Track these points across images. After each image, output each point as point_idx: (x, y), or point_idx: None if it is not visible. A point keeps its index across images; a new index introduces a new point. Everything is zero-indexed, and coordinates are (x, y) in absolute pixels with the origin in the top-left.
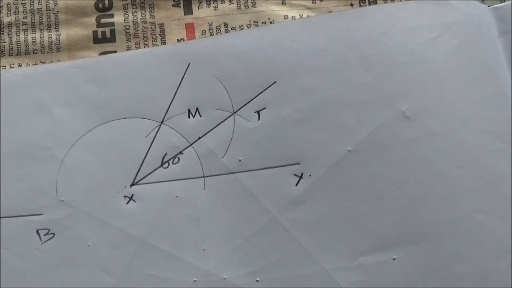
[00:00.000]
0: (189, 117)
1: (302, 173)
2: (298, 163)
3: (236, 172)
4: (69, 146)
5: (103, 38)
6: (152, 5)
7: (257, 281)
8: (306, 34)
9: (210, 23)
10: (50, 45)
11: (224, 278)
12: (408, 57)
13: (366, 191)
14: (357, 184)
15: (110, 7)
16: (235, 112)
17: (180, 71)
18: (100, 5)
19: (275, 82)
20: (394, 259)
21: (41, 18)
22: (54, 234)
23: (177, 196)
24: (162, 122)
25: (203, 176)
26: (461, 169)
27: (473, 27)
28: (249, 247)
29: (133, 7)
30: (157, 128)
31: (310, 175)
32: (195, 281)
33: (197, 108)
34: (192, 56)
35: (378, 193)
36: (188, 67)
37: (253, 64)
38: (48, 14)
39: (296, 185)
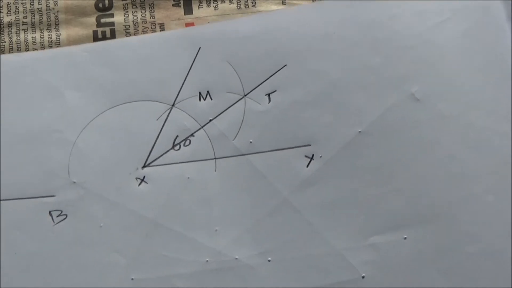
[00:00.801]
0: (200, 100)
1: (312, 155)
2: (309, 145)
3: (247, 154)
4: (80, 128)
5: (103, 38)
6: (152, 4)
7: (269, 261)
8: (316, 18)
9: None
10: (50, 45)
11: (236, 258)
12: (417, 41)
13: (376, 172)
14: (368, 165)
15: (110, 6)
16: (245, 95)
17: (191, 55)
18: (100, 5)
19: (285, 65)
20: (405, 238)
21: (41, 18)
22: (66, 215)
23: (188, 177)
24: (173, 105)
25: (215, 158)
26: (471, 151)
27: (481, 11)
28: (261, 228)
29: (133, 6)
30: (168, 111)
31: (321, 157)
32: (207, 261)
33: (208, 91)
34: (203, 40)
35: (389, 174)
36: (198, 51)
37: (264, 48)
38: (48, 14)
39: (307, 166)
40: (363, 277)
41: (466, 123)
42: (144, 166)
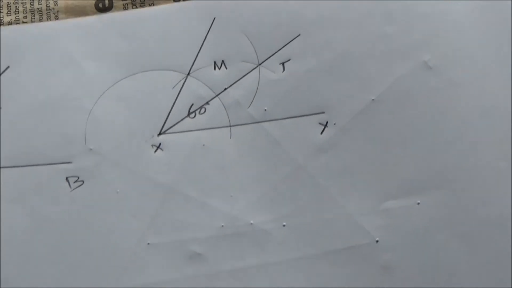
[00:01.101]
0: (215, 69)
1: (327, 122)
2: (323, 112)
3: (261, 122)
4: (97, 97)
5: None
6: (152, 4)
7: (284, 226)
8: None
9: None
10: None
11: (251, 223)
12: (430, 9)
13: (389, 138)
14: (381, 132)
15: (110, 7)
16: (260, 64)
17: (205, 25)
18: (100, 5)
19: (299, 34)
20: (418, 204)
21: (41, 18)
22: (83, 181)
23: (204, 145)
24: (188, 74)
25: (230, 126)
26: (483, 118)
27: None
28: (276, 193)
29: (133, 6)
30: (183, 80)
31: (334, 124)
32: (222, 226)
33: (222, 61)
34: (217, 11)
35: (402, 141)
36: (213, 21)
37: (278, 17)
38: (48, 14)
39: (321, 133)
40: (377, 241)
41: (478, 91)
42: (159, 134)
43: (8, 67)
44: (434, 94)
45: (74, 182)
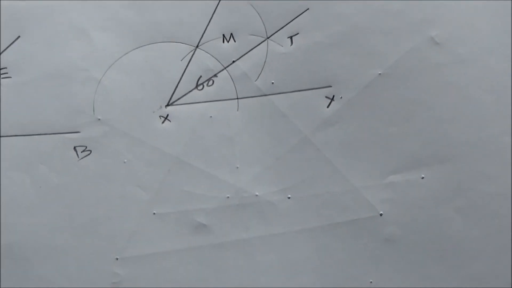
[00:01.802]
0: (223, 42)
1: (333, 96)
2: (330, 86)
3: (269, 95)
4: (106, 67)
5: None
6: None
7: (289, 198)
8: None
9: None
10: None
11: (256, 195)
12: None
13: (395, 112)
14: (387, 106)
15: None
16: (268, 38)
17: None
18: None
19: (308, 9)
20: (422, 178)
21: None
22: (91, 151)
23: (211, 116)
24: (197, 46)
25: (237, 98)
26: (489, 94)
27: None
28: (281, 166)
29: None
30: (192, 52)
31: (341, 98)
32: (228, 197)
33: (231, 34)
34: None
35: (407, 115)
36: None
37: None
38: None
39: (328, 107)
40: (381, 214)
41: (484, 67)
42: (167, 105)
43: (19, 37)
44: (440, 70)
45: (81, 152)
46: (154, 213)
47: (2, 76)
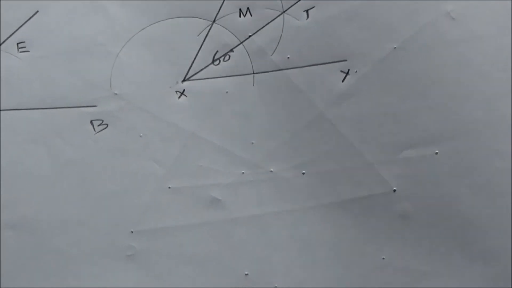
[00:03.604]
0: (240, 16)
1: (348, 70)
2: (345, 60)
3: (284, 69)
4: (123, 42)
5: None
6: None
7: (303, 173)
8: None
9: None
10: None
11: (271, 171)
12: None
13: (410, 87)
14: (402, 80)
15: None
16: (284, 11)
17: None
18: None
19: None
20: (436, 153)
21: None
22: (107, 125)
23: (227, 92)
24: (214, 21)
25: (253, 73)
26: (503, 72)
27: None
28: (296, 141)
29: None
30: (209, 27)
31: (356, 72)
32: (242, 173)
33: (247, 8)
34: None
35: (422, 90)
36: None
37: None
38: None
39: (343, 81)
40: (394, 190)
41: (498, 45)
42: (184, 80)
43: (37, 11)
44: (456, 45)
45: (98, 125)
46: (169, 187)
47: (20, 50)
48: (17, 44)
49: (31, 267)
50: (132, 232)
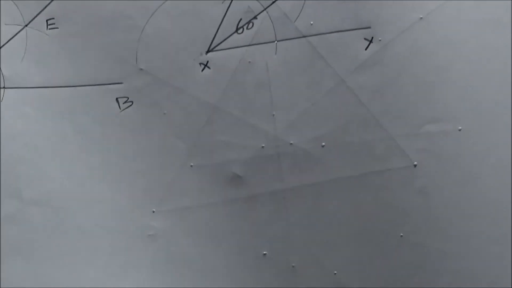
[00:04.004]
0: None
1: (372, 37)
2: (369, 27)
3: (307, 36)
4: (150, 14)
5: None
6: None
7: (323, 146)
8: None
9: None
10: None
11: (291, 144)
12: None
13: (434, 60)
14: (426, 52)
15: None
16: None
17: None
18: None
19: None
20: (460, 129)
21: None
22: (132, 102)
23: (249, 61)
24: None
25: (276, 41)
26: None
27: None
28: (317, 111)
29: None
30: None
31: (380, 40)
32: (262, 147)
33: None
34: None
35: (447, 64)
36: None
37: None
38: None
39: (366, 49)
40: (415, 165)
41: None
42: (207, 51)
43: None
44: (479, 25)
45: (123, 103)
46: (191, 165)
47: (49, 26)
48: (47, 20)
49: (52, 243)
50: (153, 211)
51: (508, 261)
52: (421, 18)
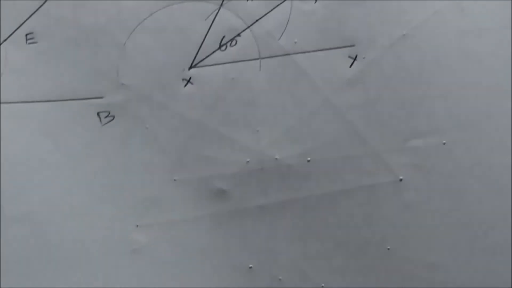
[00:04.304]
0: (247, 0)
1: (356, 55)
2: (353, 45)
3: (291, 54)
4: (131, 30)
5: None
6: None
7: (308, 161)
8: None
9: None
10: None
11: (276, 159)
12: None
13: (418, 76)
14: (410, 68)
15: None
16: None
17: None
18: None
19: None
20: (444, 143)
21: None
22: (114, 116)
23: (233, 78)
24: (221, 5)
25: (259, 58)
26: (509, 64)
27: None
28: (302, 128)
29: None
30: (216, 11)
31: (364, 58)
32: (247, 162)
33: None
34: None
35: (430, 79)
36: None
37: None
38: None
39: (350, 66)
40: (400, 179)
41: (506, 37)
42: (190, 67)
43: (45, 1)
44: (464, 36)
45: (105, 117)
46: (174, 180)
47: (28, 41)
48: (26, 35)
49: (35, 259)
50: (137, 226)
51: (495, 272)
52: (404, 34)
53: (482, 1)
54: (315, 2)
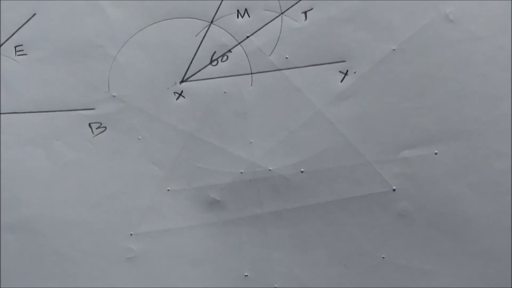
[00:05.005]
0: (238, 17)
1: (347, 70)
2: (344, 61)
3: (283, 69)
4: (121, 44)
5: None
6: None
7: (302, 172)
8: None
9: None
10: None
11: (270, 169)
12: None
13: (409, 88)
14: (401, 81)
15: None
16: (282, 13)
17: None
18: None
19: None
20: (436, 153)
21: None
22: (105, 127)
23: (225, 92)
24: (211, 22)
25: (251, 73)
26: (502, 72)
27: None
28: (295, 139)
29: None
30: (207, 28)
31: (355, 72)
32: (241, 172)
33: (245, 9)
34: None
35: (421, 90)
36: None
37: None
38: None
39: (341, 81)
40: (393, 189)
41: (497, 46)
42: (182, 81)
43: (35, 14)
44: (454, 47)
45: (96, 128)
46: (168, 190)
47: (18, 53)
48: (15, 47)
49: (30, 269)
50: (131, 234)
51: (489, 279)
52: (394, 49)
53: (471, 10)
54: (305, 19)
